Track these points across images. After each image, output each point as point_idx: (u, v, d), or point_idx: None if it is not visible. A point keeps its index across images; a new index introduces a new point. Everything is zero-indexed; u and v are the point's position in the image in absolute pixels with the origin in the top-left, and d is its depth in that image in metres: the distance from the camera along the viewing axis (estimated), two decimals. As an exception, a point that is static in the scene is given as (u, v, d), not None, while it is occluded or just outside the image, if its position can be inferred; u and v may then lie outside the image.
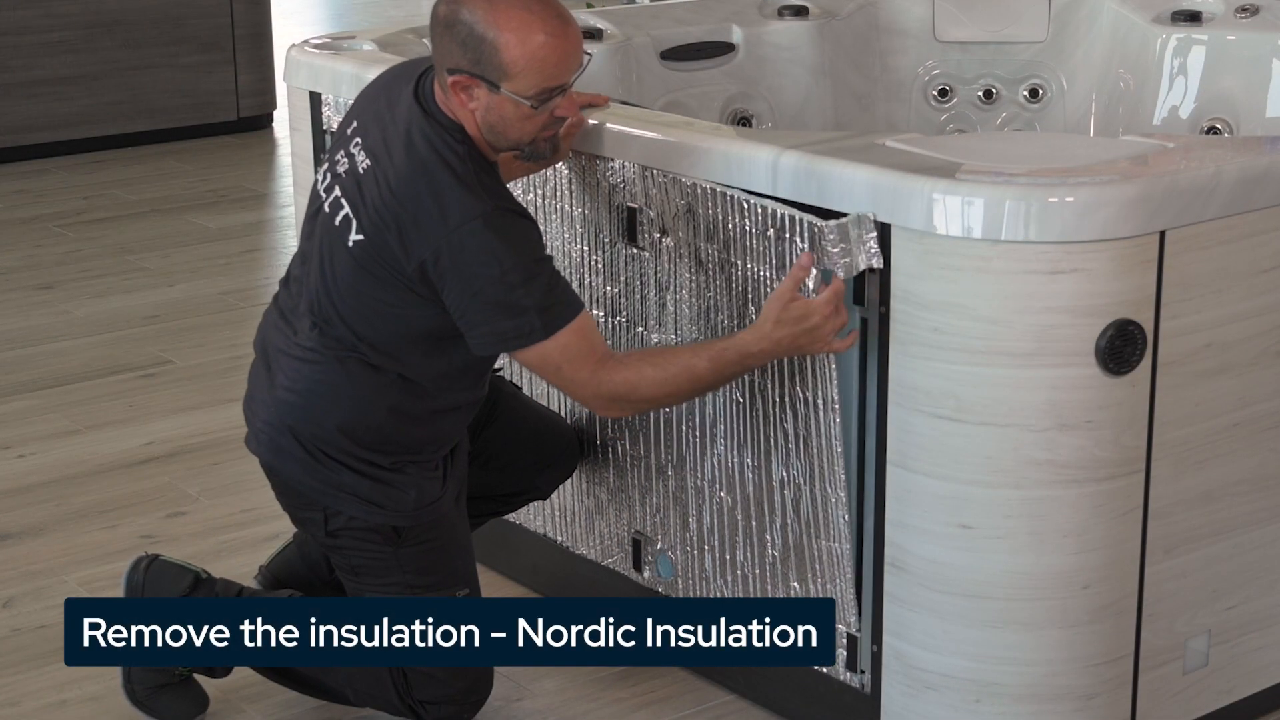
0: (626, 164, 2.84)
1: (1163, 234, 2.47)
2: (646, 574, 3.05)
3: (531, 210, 2.98)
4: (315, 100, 3.51)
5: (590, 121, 2.89)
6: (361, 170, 2.65)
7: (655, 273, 2.87)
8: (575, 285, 2.96)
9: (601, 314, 2.98)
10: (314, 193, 2.78)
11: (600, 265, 2.97)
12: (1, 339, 4.88)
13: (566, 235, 3.01)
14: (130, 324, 5.00)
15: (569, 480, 3.11)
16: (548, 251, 2.65)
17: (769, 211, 2.62)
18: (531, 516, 3.26)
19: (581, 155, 2.91)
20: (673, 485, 2.95)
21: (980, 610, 2.56)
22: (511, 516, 3.28)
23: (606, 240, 2.94)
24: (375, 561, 2.78)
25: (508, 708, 2.97)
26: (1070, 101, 4.24)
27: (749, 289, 2.70)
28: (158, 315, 5.08)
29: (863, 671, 2.72)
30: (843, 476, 2.63)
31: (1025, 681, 2.57)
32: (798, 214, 2.57)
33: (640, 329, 2.94)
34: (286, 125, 5.76)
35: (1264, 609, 2.78)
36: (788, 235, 2.60)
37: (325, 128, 3.49)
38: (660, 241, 2.84)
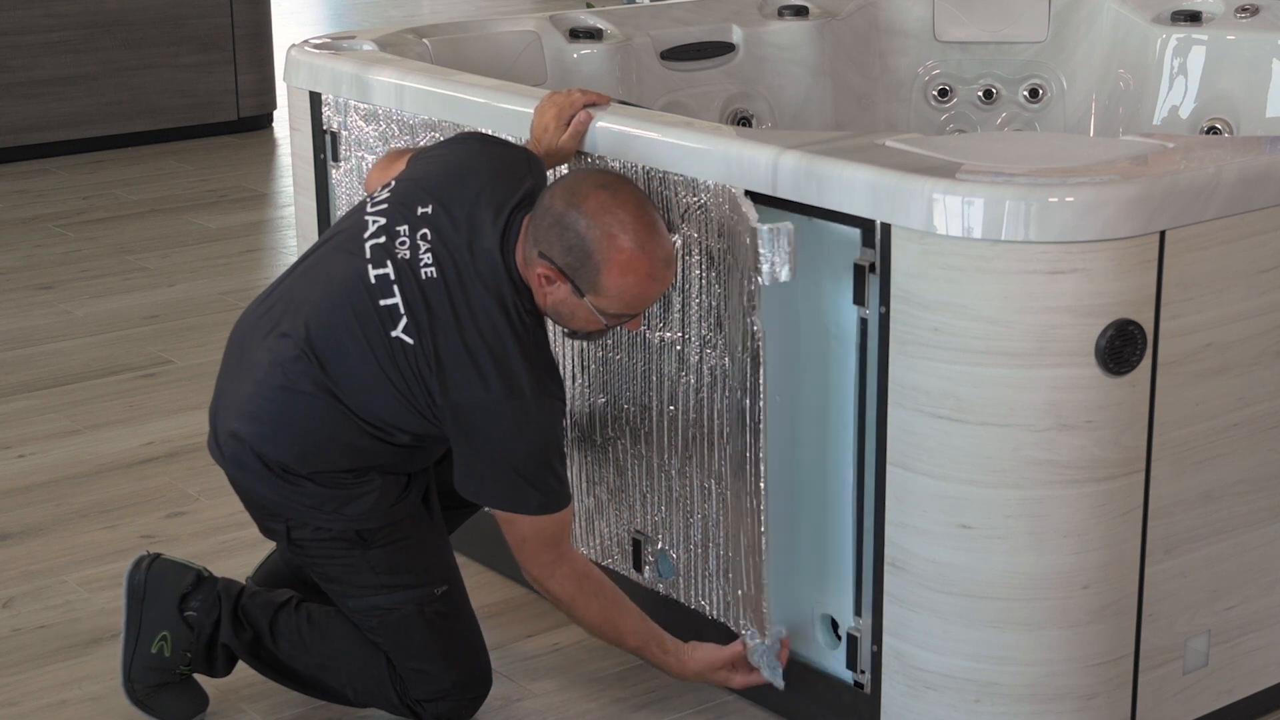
0: (627, 164, 2.84)
1: (1163, 234, 2.47)
2: (647, 573, 3.05)
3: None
4: (315, 100, 3.51)
5: (597, 124, 2.89)
6: (424, 276, 2.66)
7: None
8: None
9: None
10: (351, 232, 2.75)
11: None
12: (1, 339, 4.88)
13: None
14: (130, 324, 5.00)
15: (569, 480, 3.11)
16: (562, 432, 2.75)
17: (712, 187, 2.67)
18: (531, 516, 3.25)
19: (582, 155, 2.92)
20: (675, 484, 2.95)
21: (980, 610, 2.56)
22: (511, 516, 3.28)
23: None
24: (346, 568, 2.78)
25: (508, 708, 2.96)
26: (1070, 101, 4.24)
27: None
28: (158, 315, 5.08)
29: (863, 671, 2.72)
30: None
31: (1025, 681, 2.57)
32: (739, 195, 2.62)
33: (643, 328, 2.93)
34: (286, 125, 5.77)
35: (1264, 609, 2.78)
36: (727, 208, 2.63)
37: (325, 127, 3.48)
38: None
